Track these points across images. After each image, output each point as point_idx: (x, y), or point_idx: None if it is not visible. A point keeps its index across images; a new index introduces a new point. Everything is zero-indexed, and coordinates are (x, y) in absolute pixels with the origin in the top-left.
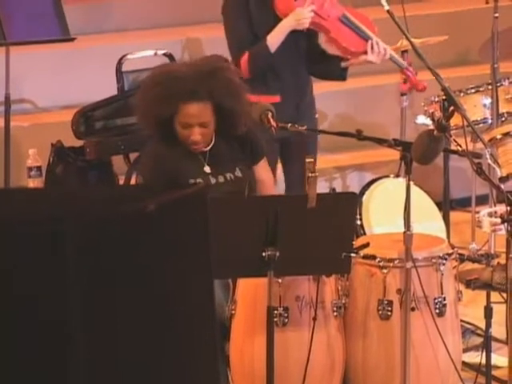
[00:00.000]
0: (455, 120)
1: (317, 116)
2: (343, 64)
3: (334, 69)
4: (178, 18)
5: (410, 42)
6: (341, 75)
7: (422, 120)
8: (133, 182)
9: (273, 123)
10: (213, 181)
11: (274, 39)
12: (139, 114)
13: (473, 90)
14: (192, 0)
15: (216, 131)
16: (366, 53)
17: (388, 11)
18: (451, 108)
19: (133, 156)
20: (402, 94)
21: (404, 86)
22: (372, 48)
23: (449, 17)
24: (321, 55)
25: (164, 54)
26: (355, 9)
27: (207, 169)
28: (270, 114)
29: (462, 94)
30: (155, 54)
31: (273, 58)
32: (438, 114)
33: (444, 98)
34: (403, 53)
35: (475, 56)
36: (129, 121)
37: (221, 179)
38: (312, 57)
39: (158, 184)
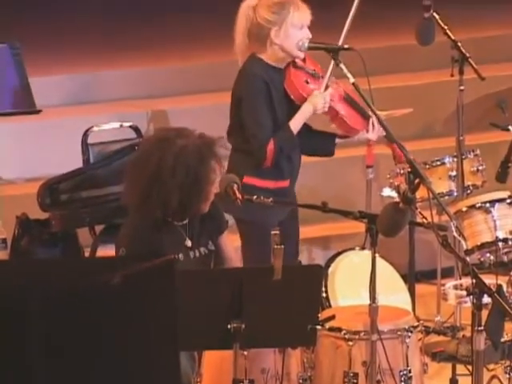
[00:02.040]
0: (421, 192)
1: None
2: (337, 140)
3: (327, 145)
4: (143, 90)
5: (376, 115)
6: (331, 151)
7: (388, 192)
8: (109, 254)
9: (238, 195)
10: (192, 255)
11: (296, 125)
12: (138, 188)
13: (438, 163)
14: (157, 73)
15: None
16: (366, 131)
17: (353, 84)
18: (417, 180)
19: (98, 228)
20: (368, 167)
21: (370, 159)
22: (373, 125)
23: (414, 89)
24: (310, 132)
25: (130, 127)
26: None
27: (188, 243)
28: (235, 186)
29: (427, 167)
30: (121, 126)
31: (297, 145)
32: (404, 187)
33: (409, 170)
34: None
35: (440, 128)
36: (94, 193)
37: (197, 254)
38: (304, 135)
39: (140, 255)
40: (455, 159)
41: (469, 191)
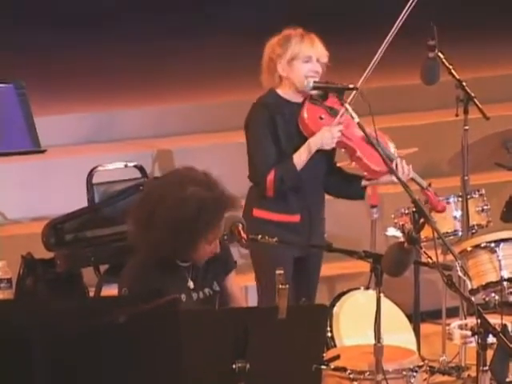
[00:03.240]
0: (425, 232)
1: (325, 235)
2: (364, 183)
3: (354, 188)
4: (148, 129)
5: (380, 154)
6: (360, 194)
7: (393, 232)
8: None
9: (243, 235)
10: (195, 296)
11: (301, 158)
12: (153, 231)
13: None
14: (162, 112)
15: None
16: (390, 173)
17: (358, 123)
18: (421, 220)
19: (103, 268)
20: (372, 207)
21: (374, 199)
22: (397, 168)
23: (419, 129)
24: (338, 173)
25: (135, 166)
26: None
27: (191, 284)
28: (240, 226)
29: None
30: (126, 166)
31: (299, 178)
32: (408, 226)
33: (414, 210)
34: None
35: (445, 168)
36: (99, 233)
37: (201, 295)
38: (330, 175)
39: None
40: (460, 199)
41: (474, 231)
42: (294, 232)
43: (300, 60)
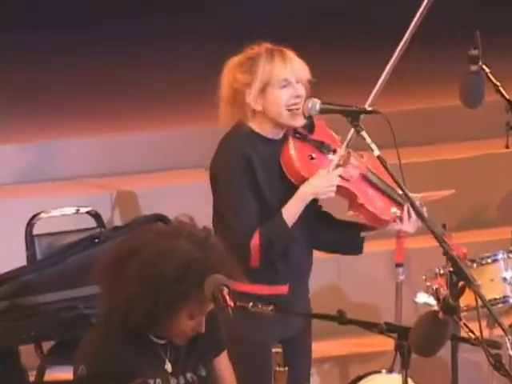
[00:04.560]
0: (466, 299)
1: (309, 295)
2: (363, 233)
3: (348, 240)
4: (106, 165)
5: (408, 198)
6: (357, 247)
7: (424, 298)
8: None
9: (229, 302)
10: (173, 383)
11: (292, 212)
12: (120, 293)
13: (489, 260)
14: (121, 144)
15: None
16: (399, 220)
17: (379, 157)
18: (461, 283)
19: (47, 345)
20: (398, 265)
21: (399, 255)
22: (408, 214)
23: (458, 165)
24: (328, 221)
25: (88, 213)
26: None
27: (169, 367)
28: (225, 291)
29: (475, 265)
30: (77, 211)
31: (292, 238)
32: (444, 291)
33: (451, 269)
34: None
35: (493, 215)
36: (42, 300)
37: (182, 381)
38: (316, 226)
39: (106, 376)
40: (511, 255)
41: None
42: (283, 307)
43: (275, 86)
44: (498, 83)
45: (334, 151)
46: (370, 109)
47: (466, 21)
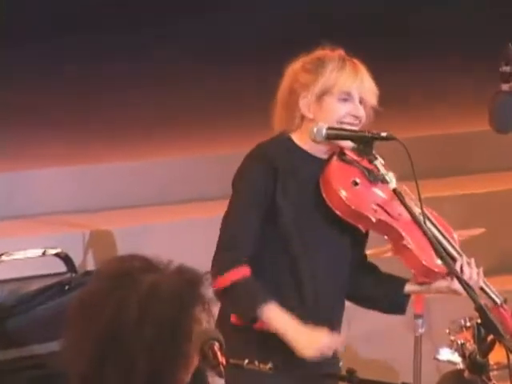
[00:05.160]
0: (496, 355)
1: (341, 364)
2: (408, 288)
3: (392, 296)
4: (78, 200)
5: (429, 239)
6: (401, 305)
7: (447, 355)
8: None
9: (221, 359)
10: None
11: (270, 317)
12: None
13: None
14: (95, 174)
15: None
16: (449, 276)
17: (395, 190)
18: (490, 337)
19: None
20: (417, 316)
21: (418, 305)
22: (462, 271)
23: (488, 200)
24: (371, 273)
25: (57, 255)
26: None
27: None
28: (216, 345)
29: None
30: (44, 253)
31: (254, 320)
32: (471, 347)
33: (479, 321)
34: None
35: None
36: (2, 356)
37: None
38: (358, 275)
39: None
40: None
41: None
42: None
43: (335, 96)
44: None
45: (384, 180)
46: (384, 134)
47: (494, 33)
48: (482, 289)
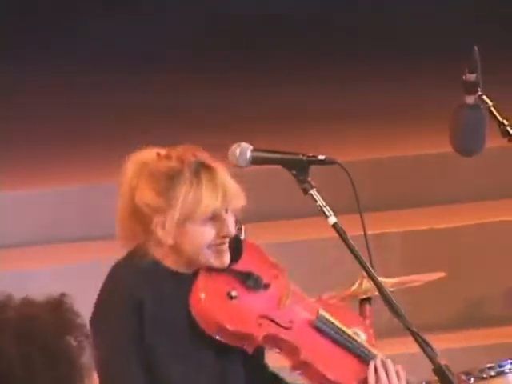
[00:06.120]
0: None
1: None
2: None
3: None
4: None
5: (375, 282)
6: None
7: None
8: None
9: None
10: None
11: None
12: None
13: (492, 373)
14: None
15: None
16: (364, 382)
17: (334, 225)
18: None
19: None
20: None
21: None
22: (376, 374)
23: (449, 236)
24: None
25: None
26: None
27: None
28: None
29: (472, 381)
30: None
31: None
32: None
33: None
34: (362, 303)
35: (496, 310)
36: None
37: None
38: None
39: None
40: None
41: None
42: None
43: (197, 222)
44: (506, 121)
45: (266, 286)
46: (323, 157)
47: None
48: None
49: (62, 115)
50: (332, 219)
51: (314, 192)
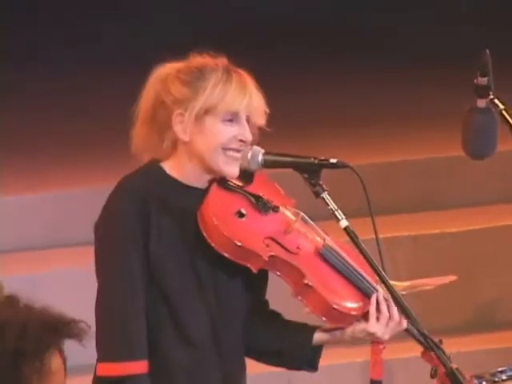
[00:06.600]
0: None
1: None
2: (317, 338)
3: (297, 349)
4: None
5: (387, 286)
6: (309, 361)
7: None
8: None
9: None
10: None
11: None
12: None
13: (504, 377)
14: None
15: None
16: (364, 317)
17: (346, 229)
18: None
19: None
20: (374, 383)
21: (376, 370)
22: (378, 308)
23: (461, 240)
24: (271, 319)
25: None
26: None
27: None
28: None
29: None
30: None
31: None
32: None
33: None
34: None
35: (509, 314)
36: None
37: None
38: (255, 325)
39: None
40: None
41: None
42: None
43: (219, 117)
44: None
45: (275, 208)
46: (335, 161)
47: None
48: (407, 330)
49: (64, 119)
50: (344, 222)
51: (325, 195)
